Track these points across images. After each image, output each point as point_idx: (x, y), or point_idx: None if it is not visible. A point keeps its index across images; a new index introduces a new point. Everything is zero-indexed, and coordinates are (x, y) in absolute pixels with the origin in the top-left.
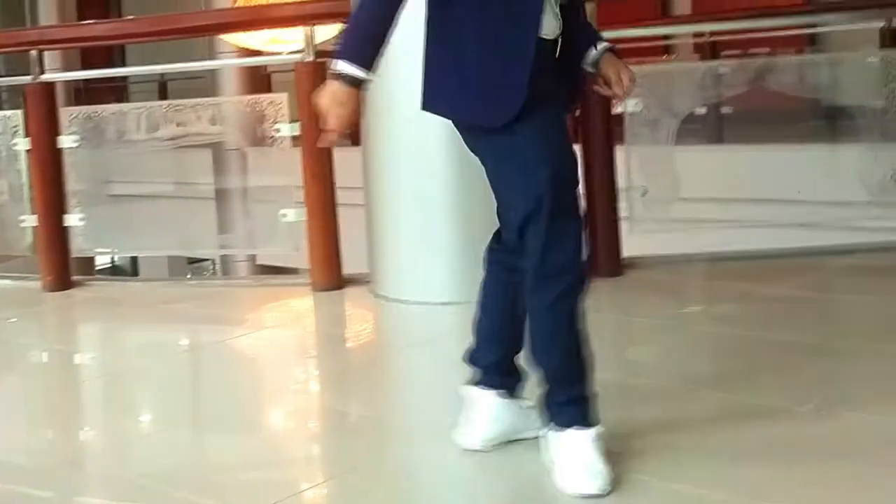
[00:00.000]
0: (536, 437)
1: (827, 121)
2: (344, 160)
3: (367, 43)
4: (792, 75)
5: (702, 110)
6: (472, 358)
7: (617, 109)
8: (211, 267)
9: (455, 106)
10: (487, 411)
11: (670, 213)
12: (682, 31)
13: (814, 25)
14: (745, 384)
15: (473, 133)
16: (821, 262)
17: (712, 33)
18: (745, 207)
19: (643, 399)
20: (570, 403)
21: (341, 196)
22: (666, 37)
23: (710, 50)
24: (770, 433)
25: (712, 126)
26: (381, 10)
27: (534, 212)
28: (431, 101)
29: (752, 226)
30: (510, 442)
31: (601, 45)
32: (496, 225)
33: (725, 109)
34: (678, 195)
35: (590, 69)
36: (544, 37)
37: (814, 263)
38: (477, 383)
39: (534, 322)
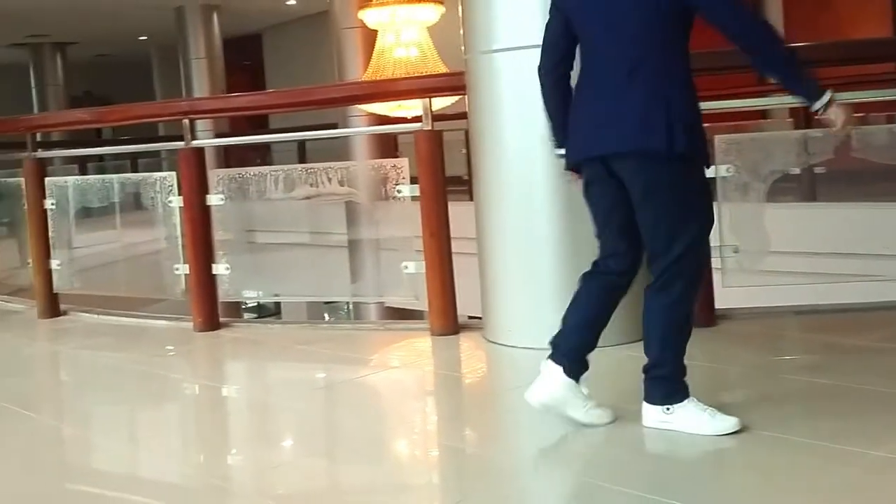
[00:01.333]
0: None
1: None
2: (461, 212)
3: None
4: (882, 140)
5: (795, 170)
6: (555, 340)
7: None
8: (345, 308)
9: (692, 140)
10: (551, 384)
11: (761, 268)
12: (777, 105)
13: None
14: (830, 429)
15: (686, 165)
16: None
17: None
18: (835, 261)
19: (733, 439)
20: None
21: (460, 246)
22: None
23: (803, 114)
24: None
25: (805, 184)
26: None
27: (700, 236)
28: (672, 136)
29: (840, 280)
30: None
31: None
32: None
33: (818, 169)
34: (768, 251)
35: None
36: None
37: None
38: (553, 358)
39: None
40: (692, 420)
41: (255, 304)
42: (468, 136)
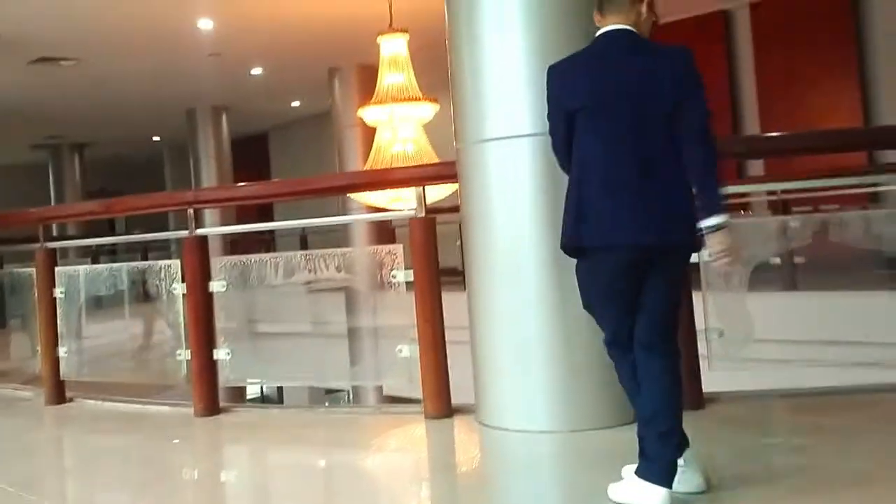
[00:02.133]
0: None
1: (889, 270)
2: (456, 302)
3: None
4: (857, 229)
5: (776, 260)
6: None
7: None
8: (345, 396)
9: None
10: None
11: (746, 354)
12: (756, 190)
13: (875, 184)
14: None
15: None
16: (887, 397)
17: (784, 191)
18: (816, 348)
19: None
20: None
21: (456, 335)
22: (742, 195)
23: (781, 207)
24: None
25: (786, 274)
26: None
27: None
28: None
29: (822, 365)
30: None
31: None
32: (592, 358)
33: (798, 259)
34: (753, 337)
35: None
36: None
37: (881, 398)
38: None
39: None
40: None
41: (258, 396)
42: (461, 226)
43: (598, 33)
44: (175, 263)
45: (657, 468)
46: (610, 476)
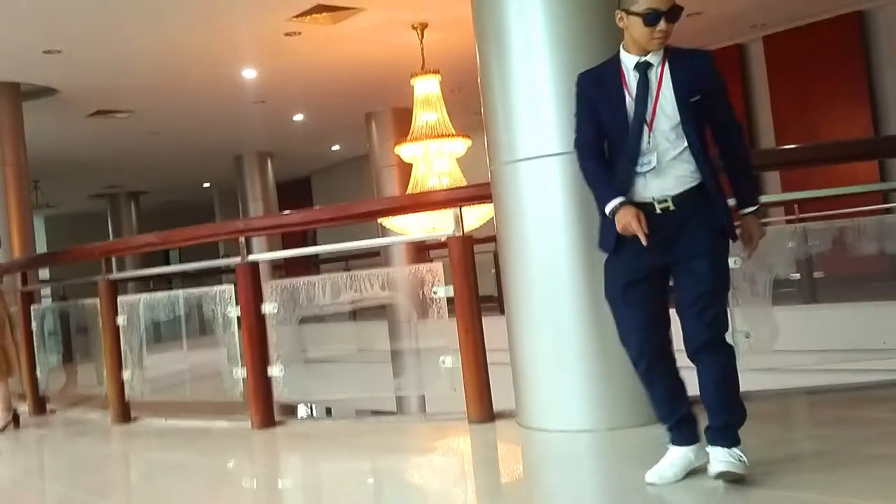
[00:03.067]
0: None
1: None
2: (493, 325)
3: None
4: (870, 236)
5: (796, 276)
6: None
7: None
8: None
9: None
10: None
11: (771, 362)
12: (773, 200)
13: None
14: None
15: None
16: None
17: (801, 213)
18: (838, 357)
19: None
20: None
21: (492, 357)
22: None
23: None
24: None
25: (806, 289)
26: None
27: None
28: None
29: (843, 370)
30: None
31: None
32: (627, 359)
33: (817, 274)
34: (776, 343)
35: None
36: None
37: None
38: None
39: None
40: None
41: (309, 417)
42: (496, 255)
43: None
44: (229, 288)
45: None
46: (647, 470)
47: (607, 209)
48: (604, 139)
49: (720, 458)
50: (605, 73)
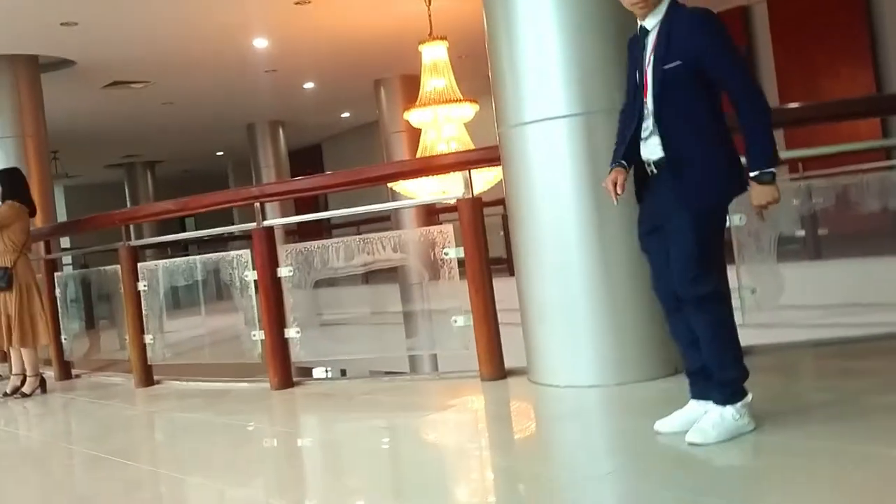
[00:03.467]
0: None
1: None
2: (502, 287)
3: None
4: (871, 190)
5: (800, 233)
6: None
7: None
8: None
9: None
10: None
11: (776, 318)
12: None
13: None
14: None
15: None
16: None
17: (805, 171)
18: (841, 311)
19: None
20: None
21: (502, 317)
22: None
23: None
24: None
25: (811, 246)
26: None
27: None
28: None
29: (847, 326)
30: None
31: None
32: (636, 315)
33: (821, 231)
34: (780, 299)
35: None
36: None
37: None
38: None
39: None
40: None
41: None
42: (504, 218)
43: None
44: (245, 253)
45: None
46: (655, 421)
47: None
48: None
49: (697, 427)
50: (635, 36)
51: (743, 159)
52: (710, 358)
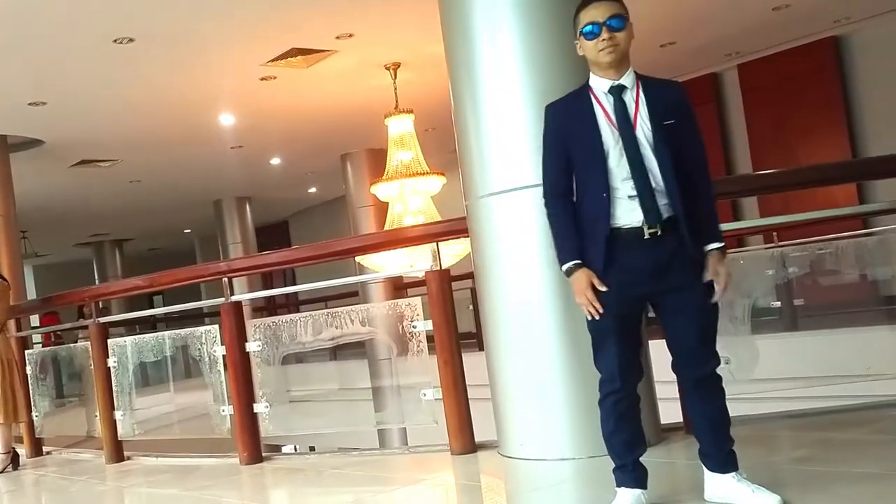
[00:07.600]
0: None
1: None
2: (472, 363)
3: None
4: (847, 259)
5: (776, 304)
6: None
7: None
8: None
9: None
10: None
11: (751, 389)
12: (750, 225)
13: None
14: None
15: None
16: (892, 412)
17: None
18: (818, 384)
19: None
20: None
21: (473, 392)
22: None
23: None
24: None
25: (787, 317)
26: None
27: None
28: None
29: (823, 397)
30: None
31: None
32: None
33: (797, 302)
34: (755, 371)
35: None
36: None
37: (885, 414)
38: None
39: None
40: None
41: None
42: (473, 292)
43: None
44: (214, 328)
45: None
46: None
47: (563, 268)
48: (570, 178)
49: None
50: (574, 101)
51: None
52: (727, 428)
